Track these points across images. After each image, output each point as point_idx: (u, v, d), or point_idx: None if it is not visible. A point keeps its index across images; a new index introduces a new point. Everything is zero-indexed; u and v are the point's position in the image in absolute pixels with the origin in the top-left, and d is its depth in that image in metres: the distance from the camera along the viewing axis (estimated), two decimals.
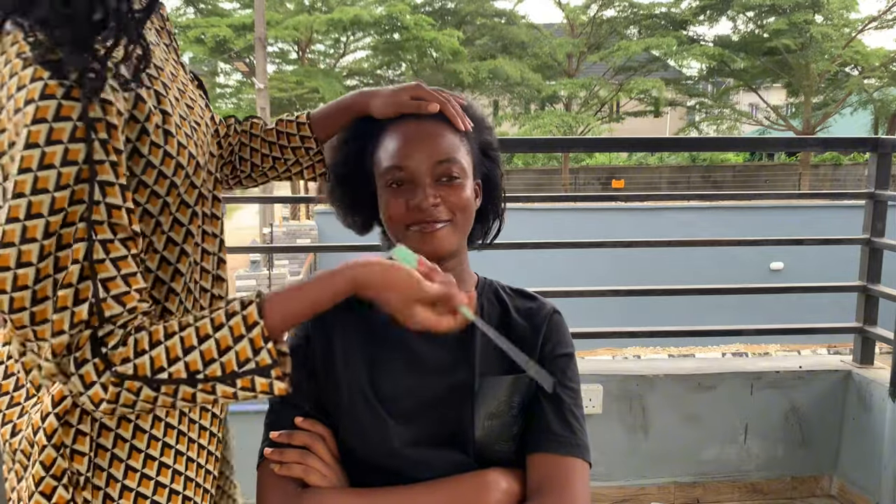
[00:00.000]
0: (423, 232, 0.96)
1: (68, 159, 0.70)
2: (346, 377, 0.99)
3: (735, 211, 12.57)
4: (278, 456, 0.96)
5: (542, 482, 0.94)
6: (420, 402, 0.98)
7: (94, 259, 0.72)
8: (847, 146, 3.06)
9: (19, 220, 0.69)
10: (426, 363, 1.00)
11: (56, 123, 0.69)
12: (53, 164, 0.69)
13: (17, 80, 0.71)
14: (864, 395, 2.38)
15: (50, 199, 0.69)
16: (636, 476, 2.39)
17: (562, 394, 1.00)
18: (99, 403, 0.74)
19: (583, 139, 5.04)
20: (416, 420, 0.97)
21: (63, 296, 0.71)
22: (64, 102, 0.70)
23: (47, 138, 0.69)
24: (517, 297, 1.08)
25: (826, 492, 2.46)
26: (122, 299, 0.74)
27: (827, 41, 18.59)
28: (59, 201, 0.70)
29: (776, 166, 23.59)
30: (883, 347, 2.63)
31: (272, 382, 0.78)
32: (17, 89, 0.70)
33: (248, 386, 0.77)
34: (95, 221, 0.72)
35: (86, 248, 0.71)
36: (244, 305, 0.78)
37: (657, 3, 20.34)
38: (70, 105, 0.70)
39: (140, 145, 0.79)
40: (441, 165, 0.96)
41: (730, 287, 2.87)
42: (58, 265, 0.71)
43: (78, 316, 0.71)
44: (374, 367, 1.00)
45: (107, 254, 0.73)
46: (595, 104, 21.29)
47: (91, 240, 0.71)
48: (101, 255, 0.72)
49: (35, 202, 0.69)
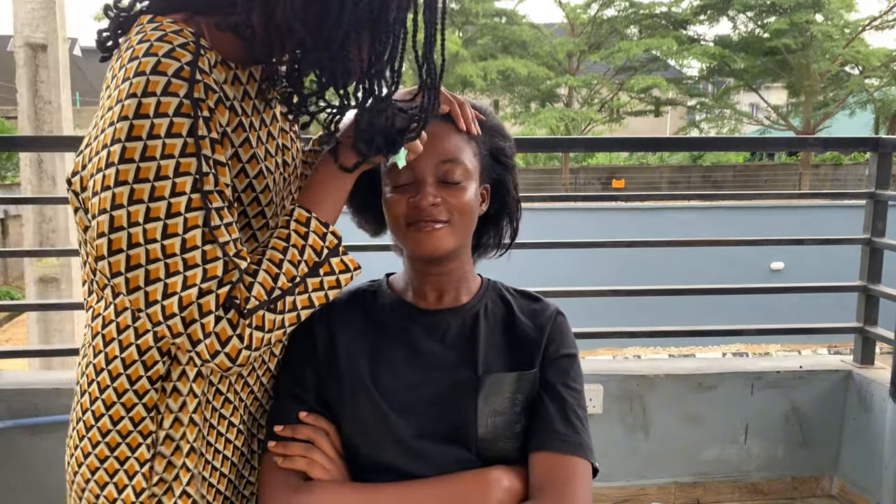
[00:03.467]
0: (422, 231, 0.97)
1: (173, 132, 0.76)
2: (348, 372, 1.00)
3: (735, 211, 12.56)
4: (282, 449, 0.96)
5: (544, 481, 0.94)
6: (422, 397, 0.98)
7: (213, 225, 0.78)
8: (847, 146, 3.06)
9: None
10: (429, 359, 1.00)
11: (164, 98, 0.76)
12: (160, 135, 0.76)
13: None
14: (864, 395, 2.38)
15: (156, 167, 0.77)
16: (636, 476, 2.39)
17: (565, 394, 1.00)
18: (237, 356, 0.80)
19: (583, 139, 5.04)
20: (418, 415, 0.97)
21: (190, 258, 0.77)
22: (173, 80, 0.76)
23: (156, 111, 0.76)
24: (521, 297, 1.09)
25: (826, 492, 2.46)
26: (241, 255, 0.81)
27: (827, 41, 18.58)
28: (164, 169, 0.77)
29: (776, 166, 23.58)
30: (883, 347, 2.64)
31: (343, 259, 0.89)
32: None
33: (329, 270, 0.88)
34: (207, 191, 0.78)
35: (203, 217, 0.78)
36: (290, 213, 0.88)
37: (657, 3, 20.32)
38: (179, 83, 0.76)
39: (242, 152, 0.87)
40: (443, 166, 0.97)
41: (730, 287, 2.87)
42: (184, 244, 0.77)
43: (212, 273, 0.78)
44: (377, 362, 1.00)
45: (221, 220, 0.80)
46: (596, 103, 21.29)
47: (207, 209, 0.78)
48: (217, 222, 0.79)
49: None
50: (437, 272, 1.03)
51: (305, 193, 0.91)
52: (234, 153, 0.86)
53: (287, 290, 0.83)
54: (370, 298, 1.08)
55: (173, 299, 0.77)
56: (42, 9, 5.66)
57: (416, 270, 1.05)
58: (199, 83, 0.78)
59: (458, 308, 1.04)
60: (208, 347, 0.79)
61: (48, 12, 5.67)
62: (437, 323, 1.03)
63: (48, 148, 5.04)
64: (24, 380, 2.17)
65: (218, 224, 0.79)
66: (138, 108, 0.75)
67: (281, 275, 0.83)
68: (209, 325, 0.78)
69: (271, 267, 0.83)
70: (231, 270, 0.79)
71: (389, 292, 1.08)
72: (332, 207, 0.92)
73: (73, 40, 24.28)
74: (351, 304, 1.07)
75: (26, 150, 5.94)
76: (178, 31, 0.80)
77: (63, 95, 5.86)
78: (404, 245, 1.02)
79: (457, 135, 1.00)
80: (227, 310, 0.79)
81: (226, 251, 0.79)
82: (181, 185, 0.77)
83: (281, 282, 0.83)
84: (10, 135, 10.67)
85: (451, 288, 1.05)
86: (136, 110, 0.75)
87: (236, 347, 0.80)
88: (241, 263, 0.80)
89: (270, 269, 0.83)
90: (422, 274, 1.04)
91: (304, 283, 0.85)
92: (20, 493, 2.11)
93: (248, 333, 0.81)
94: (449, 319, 1.03)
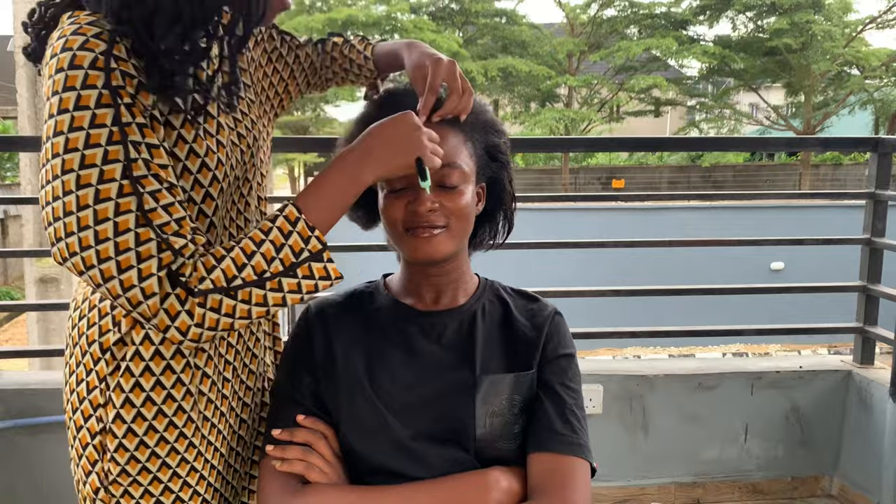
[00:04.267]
0: (419, 237, 0.97)
1: (96, 123, 0.78)
2: (345, 375, 1.00)
3: (735, 211, 12.57)
4: (280, 453, 0.96)
5: (542, 481, 0.94)
6: (420, 398, 0.98)
7: (147, 209, 0.79)
8: (847, 146, 3.05)
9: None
10: (426, 360, 1.00)
11: (83, 91, 0.77)
12: (83, 126, 0.78)
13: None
14: (864, 395, 2.38)
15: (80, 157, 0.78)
16: (636, 476, 2.39)
17: (563, 394, 1.00)
18: (186, 331, 0.81)
19: (583, 139, 5.03)
20: (416, 417, 0.97)
21: (123, 242, 0.78)
22: (90, 72, 0.78)
23: (76, 104, 0.78)
24: (519, 297, 1.09)
25: (826, 492, 2.46)
26: (180, 233, 0.81)
27: (828, 41, 18.56)
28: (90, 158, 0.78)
29: (776, 166, 23.57)
30: (883, 347, 2.64)
31: (326, 266, 0.87)
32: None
33: (308, 274, 0.86)
34: (139, 176, 0.79)
35: (136, 201, 0.79)
36: (282, 209, 0.88)
37: (657, 3, 20.30)
38: (96, 74, 0.78)
39: (185, 132, 0.88)
40: (440, 170, 0.96)
41: (730, 287, 2.86)
42: (117, 228, 0.78)
43: (147, 256, 0.79)
44: (374, 364, 1.00)
45: (155, 199, 0.80)
46: (596, 102, 21.29)
47: (139, 193, 0.79)
48: (153, 205, 0.80)
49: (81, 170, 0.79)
50: (433, 274, 1.03)
51: (305, 192, 0.91)
52: (178, 136, 0.87)
53: (252, 283, 0.83)
54: (367, 300, 1.08)
55: (113, 283, 0.79)
56: None
57: (412, 272, 1.05)
58: (115, 71, 0.79)
59: (455, 309, 1.04)
60: (159, 323, 0.81)
61: None
62: (434, 324, 1.03)
63: None
64: (24, 380, 2.17)
65: (154, 207, 0.79)
66: (60, 104, 0.78)
67: (249, 266, 0.83)
68: (155, 304, 0.79)
69: (240, 256, 0.83)
70: (166, 251, 0.79)
71: (386, 294, 1.07)
72: (327, 214, 0.90)
73: None
74: (348, 305, 1.07)
75: (26, 150, 5.94)
76: (93, 21, 0.80)
77: None
78: (402, 250, 1.02)
79: (454, 137, 0.99)
80: (174, 286, 0.80)
81: (162, 231, 0.79)
82: (110, 172, 0.78)
83: (246, 272, 0.83)
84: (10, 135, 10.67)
85: (448, 289, 1.05)
86: (58, 107, 0.78)
87: (186, 323, 0.81)
88: (178, 241, 0.80)
89: (239, 257, 0.83)
90: (419, 276, 1.04)
91: (280, 282, 0.85)
92: (20, 493, 2.10)
93: (201, 313, 0.81)
94: (446, 321, 1.03)
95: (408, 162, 0.91)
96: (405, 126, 0.91)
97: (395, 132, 0.91)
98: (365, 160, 0.91)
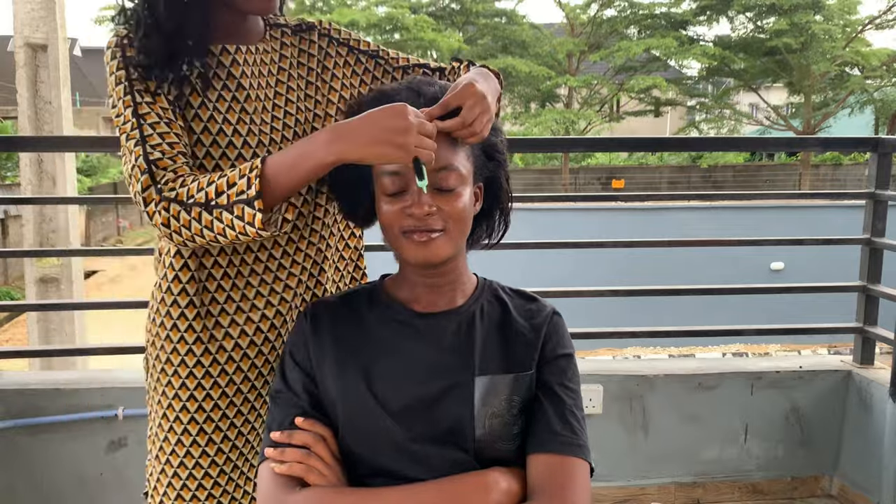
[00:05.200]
0: (418, 241, 0.96)
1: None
2: (344, 376, 1.00)
3: (735, 211, 12.56)
4: (279, 455, 0.96)
5: (542, 482, 0.94)
6: (419, 401, 0.98)
7: (145, 134, 1.02)
8: (847, 146, 3.06)
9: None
10: (424, 363, 1.00)
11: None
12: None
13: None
14: (864, 395, 2.38)
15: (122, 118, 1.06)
16: (636, 476, 2.39)
17: (562, 394, 1.00)
18: (160, 226, 0.99)
19: (583, 139, 5.04)
20: (415, 418, 0.97)
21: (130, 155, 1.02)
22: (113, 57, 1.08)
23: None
24: (517, 297, 1.08)
25: (826, 492, 2.46)
26: (163, 149, 1.01)
27: (828, 41, 18.56)
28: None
29: (776, 166, 23.58)
30: (883, 347, 2.63)
31: (255, 214, 0.95)
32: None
33: (240, 215, 0.96)
34: (143, 114, 1.03)
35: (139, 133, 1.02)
36: (254, 158, 1.03)
37: (657, 3, 20.30)
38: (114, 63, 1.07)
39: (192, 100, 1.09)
40: (437, 174, 0.96)
41: (730, 287, 2.87)
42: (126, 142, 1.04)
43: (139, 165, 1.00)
44: (372, 365, 1.00)
45: (153, 129, 1.02)
46: (596, 103, 21.28)
47: (141, 125, 1.02)
48: (150, 131, 1.02)
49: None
50: (432, 276, 1.03)
51: (280, 153, 0.99)
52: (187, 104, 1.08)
53: (201, 205, 0.97)
54: (366, 301, 1.07)
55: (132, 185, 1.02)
56: (42, 9, 5.66)
57: (410, 274, 1.05)
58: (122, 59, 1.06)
59: (453, 310, 1.04)
60: (148, 212, 1.00)
61: (48, 12, 5.68)
62: (432, 326, 1.03)
63: (48, 148, 5.04)
64: (24, 380, 2.17)
65: (150, 132, 1.02)
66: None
67: (203, 191, 0.97)
68: (139, 197, 1.00)
69: (203, 182, 0.98)
70: (139, 159, 1.01)
71: (385, 295, 1.07)
72: (286, 172, 0.97)
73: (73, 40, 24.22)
74: (346, 306, 1.07)
75: (26, 150, 5.94)
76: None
77: (63, 95, 5.87)
78: (400, 253, 1.02)
79: (451, 138, 0.98)
80: (151, 187, 1.00)
81: (145, 149, 1.01)
82: (126, 114, 1.04)
83: (200, 195, 0.97)
84: (10, 135, 10.65)
85: (447, 291, 1.05)
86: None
87: (157, 220, 0.99)
88: (154, 153, 1.00)
89: (201, 183, 0.98)
90: (417, 277, 1.04)
91: (221, 214, 0.96)
92: (20, 493, 2.10)
93: (166, 216, 0.99)
94: (444, 322, 1.03)
95: (382, 152, 0.92)
96: (394, 117, 0.91)
97: (381, 120, 0.92)
98: (342, 136, 0.94)
